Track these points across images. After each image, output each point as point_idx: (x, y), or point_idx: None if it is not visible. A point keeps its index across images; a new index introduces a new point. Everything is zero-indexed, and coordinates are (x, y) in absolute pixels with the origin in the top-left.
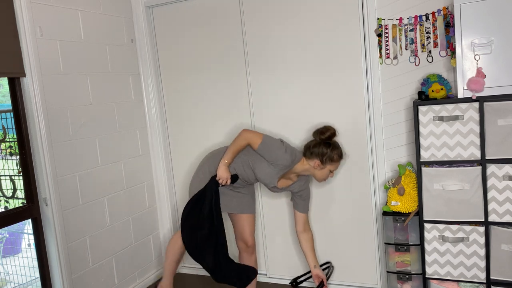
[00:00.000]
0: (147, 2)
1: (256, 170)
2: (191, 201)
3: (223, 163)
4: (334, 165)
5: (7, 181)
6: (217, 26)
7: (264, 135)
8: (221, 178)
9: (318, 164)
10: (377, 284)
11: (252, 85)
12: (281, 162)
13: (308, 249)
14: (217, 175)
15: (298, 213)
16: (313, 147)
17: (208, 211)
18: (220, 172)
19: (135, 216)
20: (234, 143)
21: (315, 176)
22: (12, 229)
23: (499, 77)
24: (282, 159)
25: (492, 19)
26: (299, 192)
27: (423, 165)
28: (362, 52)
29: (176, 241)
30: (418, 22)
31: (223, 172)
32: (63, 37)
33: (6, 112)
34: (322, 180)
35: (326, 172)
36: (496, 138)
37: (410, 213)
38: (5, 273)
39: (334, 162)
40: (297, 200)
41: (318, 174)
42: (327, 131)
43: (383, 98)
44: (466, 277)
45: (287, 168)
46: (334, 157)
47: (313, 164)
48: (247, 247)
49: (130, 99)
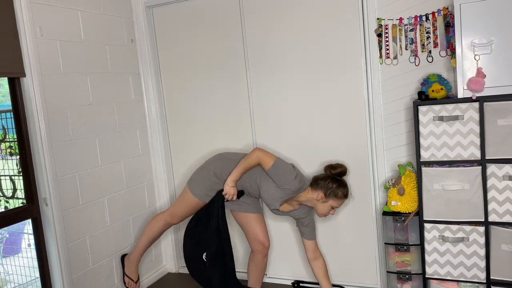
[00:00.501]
0: (147, 2)
1: (261, 189)
2: (196, 216)
3: (231, 180)
4: (337, 202)
5: (7, 181)
6: (217, 26)
7: (276, 158)
8: (227, 194)
9: (321, 197)
10: (377, 284)
11: (252, 85)
12: (289, 187)
13: (322, 277)
14: (224, 189)
15: (306, 241)
16: (321, 179)
17: (215, 227)
18: (227, 188)
19: (135, 216)
20: (245, 160)
21: (316, 209)
22: (12, 229)
23: (499, 77)
24: (290, 185)
25: (492, 19)
26: (300, 220)
27: (423, 165)
28: (362, 52)
29: (158, 221)
30: (418, 22)
31: (230, 189)
32: (63, 37)
33: (6, 112)
34: (322, 215)
35: (327, 207)
36: (496, 138)
37: (410, 213)
38: (5, 273)
39: (338, 199)
40: (301, 228)
41: (319, 207)
42: (338, 167)
43: (383, 98)
44: (466, 277)
45: (293, 194)
46: (338, 194)
47: (316, 196)
48: (264, 248)
49: (130, 99)
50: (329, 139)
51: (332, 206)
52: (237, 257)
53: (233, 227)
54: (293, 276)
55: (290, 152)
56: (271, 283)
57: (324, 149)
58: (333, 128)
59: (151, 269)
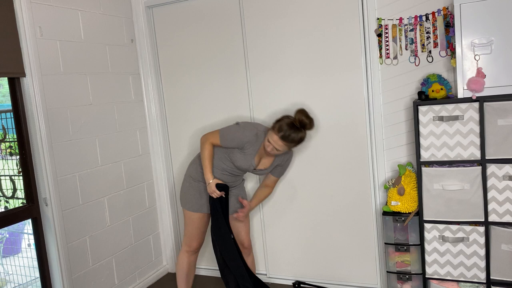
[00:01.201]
0: (147, 2)
1: (233, 160)
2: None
3: (206, 178)
4: (272, 136)
5: (7, 181)
6: (217, 26)
7: (219, 130)
8: (211, 193)
9: (270, 129)
10: (377, 284)
11: (252, 85)
12: (246, 141)
13: (257, 196)
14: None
15: (271, 176)
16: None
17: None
18: (208, 188)
19: (135, 216)
20: (202, 153)
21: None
22: (12, 229)
23: (499, 77)
24: (244, 138)
25: (492, 19)
26: (281, 163)
27: (423, 165)
28: (362, 52)
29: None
30: (418, 22)
31: (210, 186)
32: (63, 37)
33: (6, 112)
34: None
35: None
36: (496, 138)
37: (410, 213)
38: (5, 273)
39: (274, 133)
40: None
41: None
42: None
43: (383, 98)
44: (466, 277)
45: (257, 145)
46: (282, 129)
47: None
48: (243, 248)
49: (130, 99)
50: (329, 139)
51: (268, 139)
52: None
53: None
54: (293, 276)
55: None
56: (271, 283)
57: (324, 149)
58: (333, 128)
59: (151, 269)
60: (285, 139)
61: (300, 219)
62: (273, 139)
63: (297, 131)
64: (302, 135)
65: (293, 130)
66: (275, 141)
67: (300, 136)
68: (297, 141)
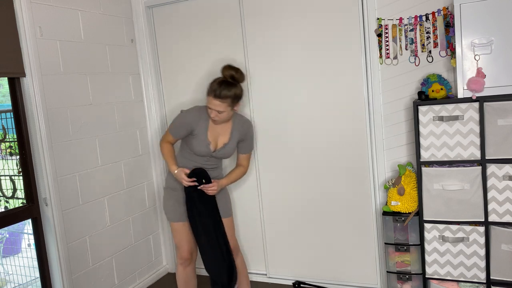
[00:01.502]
0: (147, 2)
1: (193, 150)
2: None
3: (172, 172)
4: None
5: (7, 181)
6: (217, 26)
7: (168, 128)
8: (183, 182)
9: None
10: (377, 284)
11: (252, 85)
12: (190, 120)
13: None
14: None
15: (240, 154)
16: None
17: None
18: (178, 179)
19: (135, 216)
20: (162, 154)
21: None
22: (12, 229)
23: (499, 77)
24: (188, 118)
25: (492, 19)
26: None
27: (423, 165)
28: (362, 52)
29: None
30: (418, 22)
31: (177, 176)
32: (63, 37)
33: (6, 112)
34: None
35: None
36: (496, 138)
37: (410, 213)
38: (5, 273)
39: (211, 96)
40: (239, 145)
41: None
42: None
43: (383, 98)
44: (466, 277)
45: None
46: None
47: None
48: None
49: (130, 99)
50: (329, 139)
51: (208, 107)
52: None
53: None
54: (293, 276)
55: (290, 152)
56: (271, 283)
57: (324, 149)
58: (333, 128)
59: (151, 269)
60: (219, 96)
61: (300, 219)
62: (210, 103)
63: (229, 86)
64: (235, 90)
65: (224, 86)
66: (213, 103)
67: (233, 90)
68: (232, 96)
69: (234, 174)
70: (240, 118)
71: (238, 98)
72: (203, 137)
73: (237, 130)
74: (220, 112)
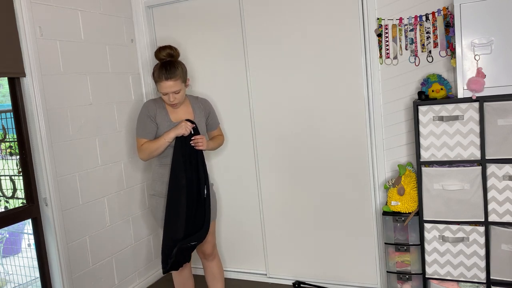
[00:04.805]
0: (147, 2)
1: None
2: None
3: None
4: (160, 86)
5: (7, 181)
6: (217, 27)
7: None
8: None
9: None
10: (377, 284)
11: (252, 85)
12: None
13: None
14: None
15: (213, 132)
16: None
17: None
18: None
19: (135, 216)
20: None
21: None
22: (12, 229)
23: (499, 77)
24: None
25: (492, 19)
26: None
27: (423, 165)
28: (362, 52)
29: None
30: (418, 22)
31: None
32: (63, 37)
33: (6, 112)
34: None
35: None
36: (496, 138)
37: (410, 213)
38: (5, 273)
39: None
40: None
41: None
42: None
43: (383, 98)
44: (466, 277)
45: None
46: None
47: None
48: (204, 255)
49: (130, 99)
50: (329, 139)
51: (161, 93)
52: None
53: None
54: (293, 276)
55: (290, 152)
56: (271, 283)
57: (324, 149)
58: (333, 128)
59: (151, 269)
60: (170, 76)
61: (300, 219)
62: (164, 88)
63: (172, 63)
64: (179, 65)
65: (169, 66)
66: (166, 86)
67: (178, 65)
68: (181, 71)
69: (216, 139)
70: (193, 97)
71: (186, 72)
72: (168, 120)
73: (197, 107)
74: (177, 92)
